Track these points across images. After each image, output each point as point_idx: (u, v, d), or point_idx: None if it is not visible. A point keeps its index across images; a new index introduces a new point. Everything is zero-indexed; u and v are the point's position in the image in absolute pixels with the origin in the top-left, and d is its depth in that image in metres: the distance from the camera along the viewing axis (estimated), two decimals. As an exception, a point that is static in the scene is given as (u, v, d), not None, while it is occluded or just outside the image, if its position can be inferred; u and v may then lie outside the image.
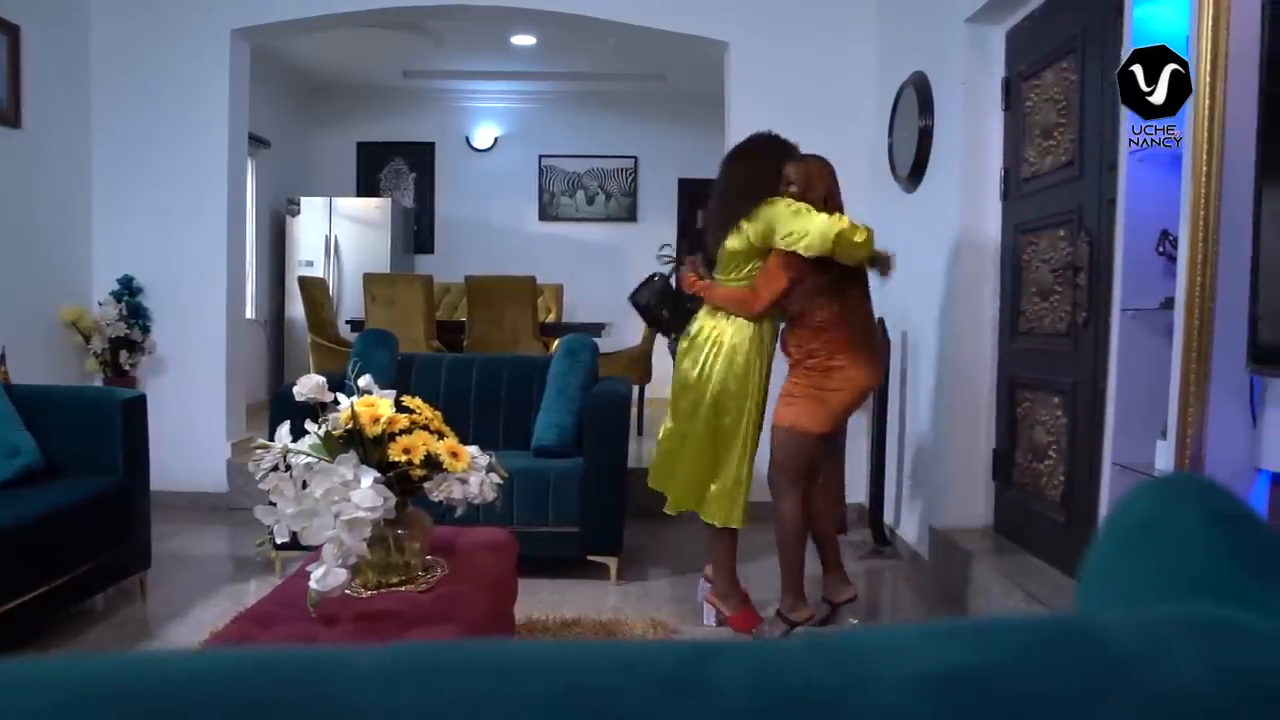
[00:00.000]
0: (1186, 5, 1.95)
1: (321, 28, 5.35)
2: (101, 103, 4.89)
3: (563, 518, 3.70)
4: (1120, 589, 0.46)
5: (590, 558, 3.75)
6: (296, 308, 7.05)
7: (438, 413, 2.38)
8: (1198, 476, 0.50)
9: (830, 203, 3.10)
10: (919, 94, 4.11)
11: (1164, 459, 2.01)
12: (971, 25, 3.68)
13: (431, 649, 0.35)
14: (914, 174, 4.17)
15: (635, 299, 3.41)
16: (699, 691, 0.32)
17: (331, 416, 2.25)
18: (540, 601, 3.43)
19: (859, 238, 2.91)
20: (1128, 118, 2.35)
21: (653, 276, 3.44)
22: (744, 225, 3.05)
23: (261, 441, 2.16)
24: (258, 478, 2.11)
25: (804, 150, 4.75)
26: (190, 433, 4.89)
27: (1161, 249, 2.27)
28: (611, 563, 3.75)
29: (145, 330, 4.88)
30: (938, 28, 3.94)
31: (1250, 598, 0.41)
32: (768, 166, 3.12)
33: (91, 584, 3.23)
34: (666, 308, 3.34)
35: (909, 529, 4.14)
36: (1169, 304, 2.07)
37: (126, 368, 4.83)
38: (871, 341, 3.19)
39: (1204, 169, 1.85)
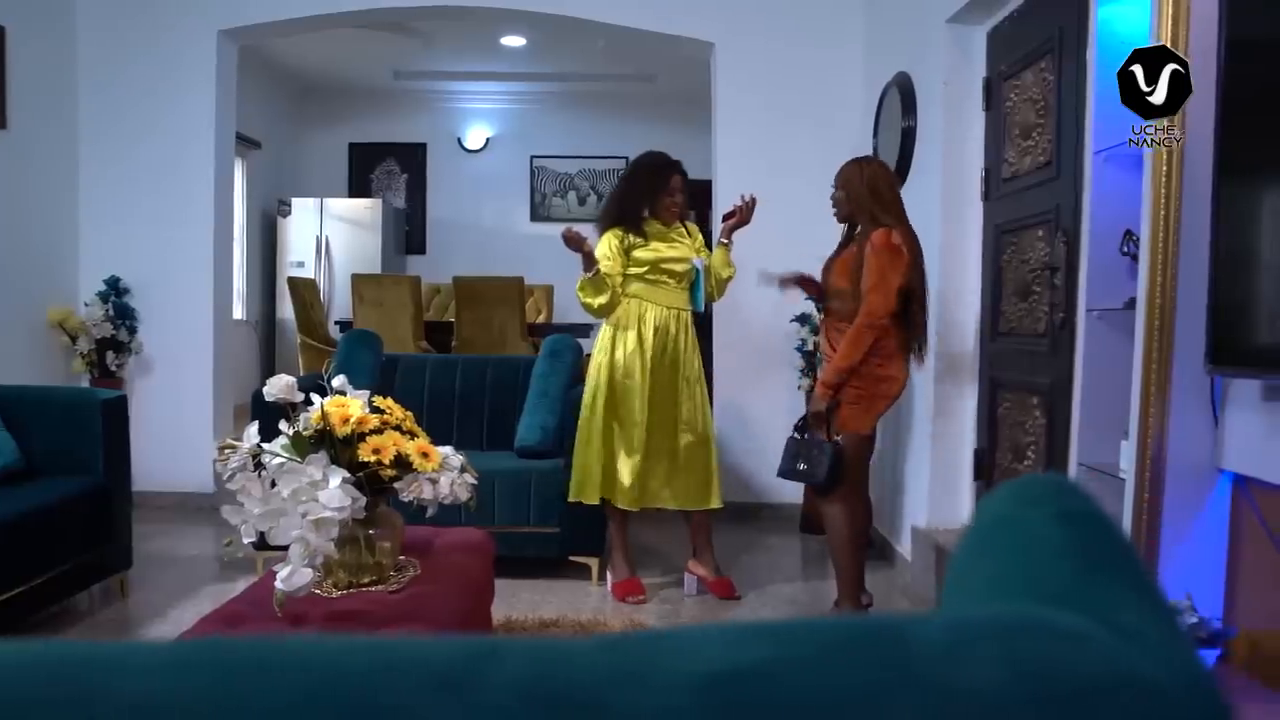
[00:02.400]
0: (1149, 5, 1.95)
1: (309, 28, 5.35)
2: (88, 103, 4.89)
3: (544, 518, 3.70)
4: (973, 587, 0.46)
5: (572, 558, 3.75)
6: (287, 308, 7.06)
7: (409, 413, 2.39)
8: (1054, 476, 0.50)
9: (878, 201, 3.14)
10: (902, 94, 4.12)
11: (1128, 459, 2.01)
12: (953, 25, 3.69)
13: (213, 644, 0.36)
14: (898, 174, 4.16)
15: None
16: (467, 688, 0.33)
17: (302, 417, 2.26)
18: (520, 602, 3.44)
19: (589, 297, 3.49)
20: (1093, 119, 2.36)
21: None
22: None
23: (229, 441, 2.16)
24: (225, 477, 2.12)
25: (785, 152, 4.78)
26: (177, 433, 4.89)
27: (1125, 249, 2.27)
28: (593, 563, 3.75)
29: (132, 331, 4.88)
30: (920, 28, 3.95)
31: (1084, 596, 0.41)
32: (624, 192, 3.65)
33: (72, 584, 3.23)
34: None
35: (892, 529, 4.14)
36: (1133, 304, 2.07)
37: (113, 368, 4.83)
38: (917, 348, 3.23)
39: (1164, 168, 1.85)
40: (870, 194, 3.14)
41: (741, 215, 3.58)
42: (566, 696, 0.33)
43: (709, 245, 3.82)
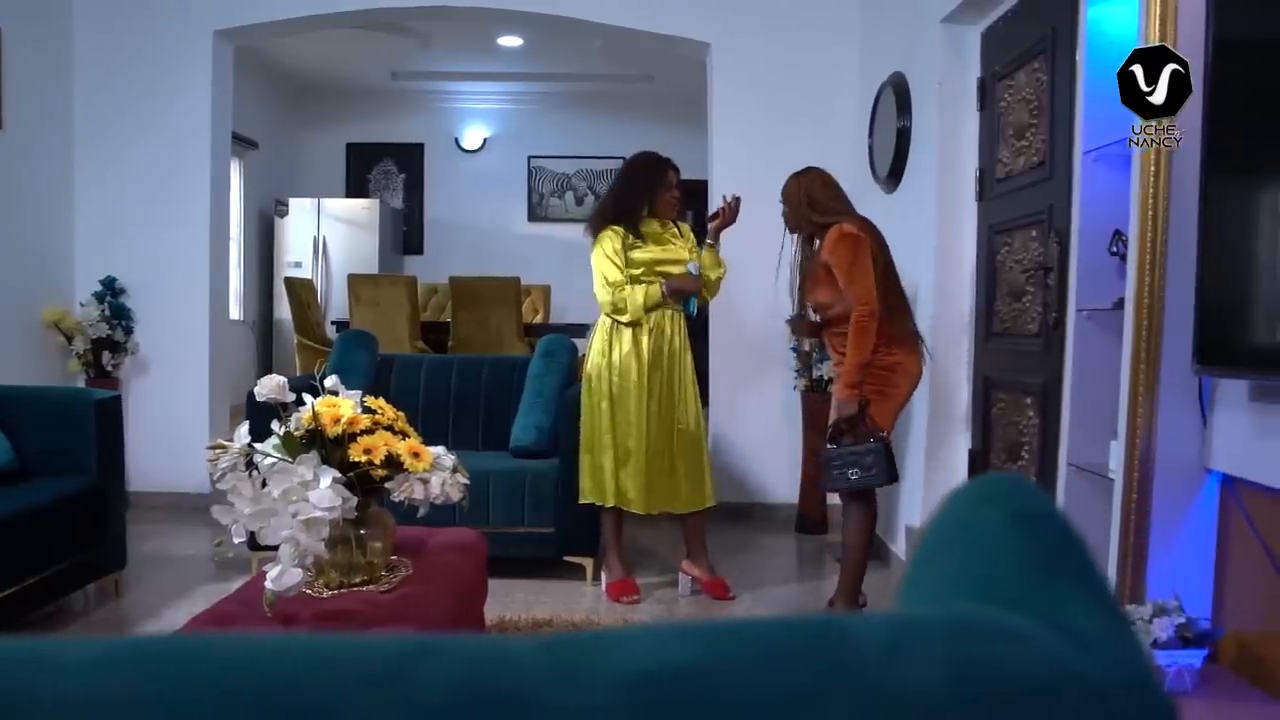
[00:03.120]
0: (1137, 5, 1.95)
1: (304, 29, 5.35)
2: (84, 103, 4.89)
3: (539, 518, 3.70)
4: (928, 588, 0.46)
5: (567, 558, 3.75)
6: (285, 309, 7.06)
7: (401, 413, 2.39)
8: (1011, 476, 0.50)
9: (815, 208, 3.26)
10: (897, 94, 4.12)
11: (1117, 460, 2.01)
12: (947, 25, 3.69)
13: (142, 642, 0.36)
14: (893, 174, 4.17)
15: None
16: (397, 686, 0.33)
17: (294, 417, 2.26)
18: (515, 602, 3.44)
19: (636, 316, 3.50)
20: (1083, 119, 2.36)
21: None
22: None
23: (219, 441, 2.16)
24: (215, 477, 2.12)
25: (781, 152, 4.79)
26: (173, 433, 4.89)
27: (1114, 249, 2.27)
28: (588, 564, 3.75)
29: (128, 331, 4.88)
30: (915, 28, 3.95)
31: (1033, 597, 0.41)
32: (621, 189, 3.63)
33: (66, 584, 3.23)
34: None
35: (887, 530, 4.14)
36: (1122, 304, 2.07)
37: (109, 368, 4.83)
38: (914, 333, 3.27)
39: (1152, 168, 1.85)
40: (808, 204, 3.25)
41: (726, 216, 3.59)
42: (497, 695, 0.33)
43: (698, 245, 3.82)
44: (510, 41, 7.20)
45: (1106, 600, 0.41)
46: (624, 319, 3.49)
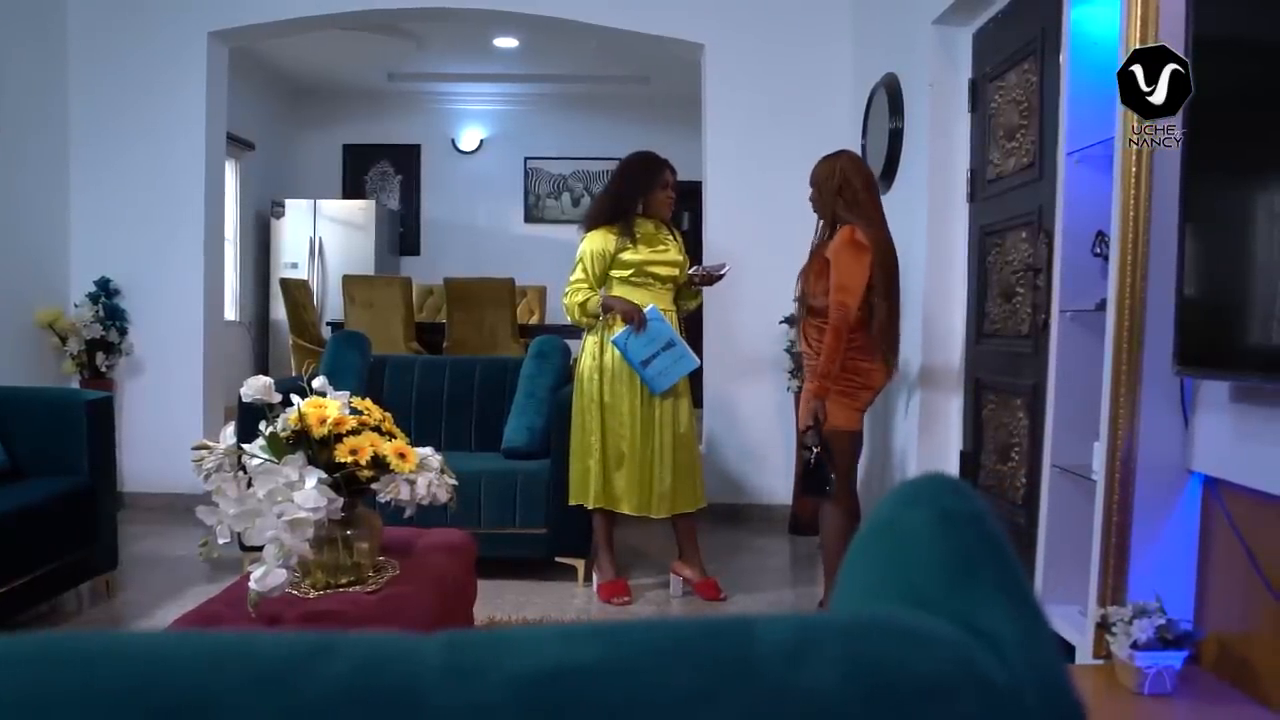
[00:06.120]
0: (1119, 6, 1.95)
1: (298, 30, 5.36)
2: (79, 105, 4.89)
3: (531, 519, 3.70)
4: (857, 590, 0.46)
5: (559, 559, 3.75)
6: (281, 309, 7.06)
7: (388, 414, 2.39)
8: (941, 477, 0.50)
9: (843, 197, 3.20)
10: (890, 96, 4.12)
11: (1099, 461, 2.01)
12: (939, 26, 3.69)
13: (38, 639, 0.36)
14: (885, 175, 4.17)
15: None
16: (288, 686, 0.33)
17: (280, 418, 2.26)
18: (506, 603, 3.44)
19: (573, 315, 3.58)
20: (1066, 120, 2.36)
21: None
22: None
23: (204, 442, 2.17)
24: (200, 478, 2.12)
25: (775, 153, 4.78)
26: (167, 434, 4.88)
27: (1097, 250, 2.28)
28: (579, 565, 3.75)
29: (122, 332, 4.88)
30: (907, 29, 3.95)
31: (950, 599, 0.41)
32: (617, 188, 3.60)
33: (57, 584, 3.23)
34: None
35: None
36: (1105, 305, 2.07)
37: (103, 369, 4.83)
38: (894, 349, 3.24)
39: (1134, 169, 1.85)
40: (837, 192, 3.18)
41: (704, 280, 3.62)
42: (387, 693, 0.33)
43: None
44: (506, 43, 7.20)
45: (1024, 602, 0.41)
46: (581, 321, 3.56)
